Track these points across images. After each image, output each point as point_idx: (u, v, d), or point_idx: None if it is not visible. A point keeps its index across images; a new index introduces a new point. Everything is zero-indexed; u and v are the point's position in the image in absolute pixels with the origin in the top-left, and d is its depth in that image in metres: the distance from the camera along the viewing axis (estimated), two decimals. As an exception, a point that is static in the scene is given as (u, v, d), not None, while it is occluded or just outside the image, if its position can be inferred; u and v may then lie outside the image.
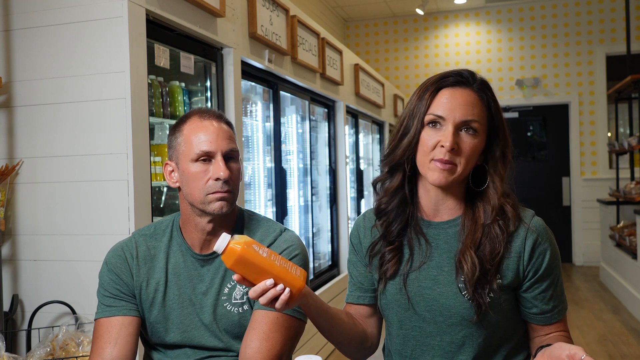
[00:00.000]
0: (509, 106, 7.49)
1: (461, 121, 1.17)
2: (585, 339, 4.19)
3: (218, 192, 1.29)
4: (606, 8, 7.22)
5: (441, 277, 1.21)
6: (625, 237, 5.05)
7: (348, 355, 1.34)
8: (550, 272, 1.21)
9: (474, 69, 7.85)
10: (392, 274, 1.25)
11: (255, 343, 1.25)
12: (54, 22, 2.07)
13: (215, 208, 1.30)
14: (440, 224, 1.25)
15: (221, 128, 1.33)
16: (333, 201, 4.76)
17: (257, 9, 2.99)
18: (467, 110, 1.17)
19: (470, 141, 1.18)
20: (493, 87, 1.26)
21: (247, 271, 1.04)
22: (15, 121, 2.13)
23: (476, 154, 1.20)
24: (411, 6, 7.40)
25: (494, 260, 1.16)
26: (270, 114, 3.55)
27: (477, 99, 1.20)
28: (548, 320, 1.23)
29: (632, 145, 5.07)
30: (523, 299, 1.22)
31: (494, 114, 1.22)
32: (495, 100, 1.23)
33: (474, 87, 1.21)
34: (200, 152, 1.30)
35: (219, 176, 1.28)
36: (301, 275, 1.07)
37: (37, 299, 2.09)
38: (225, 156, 1.31)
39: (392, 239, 1.27)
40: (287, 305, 1.06)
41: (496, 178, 1.21)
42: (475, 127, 1.18)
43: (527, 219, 1.21)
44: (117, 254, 1.38)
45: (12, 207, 2.14)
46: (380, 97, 6.21)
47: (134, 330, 1.33)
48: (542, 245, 1.19)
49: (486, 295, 1.15)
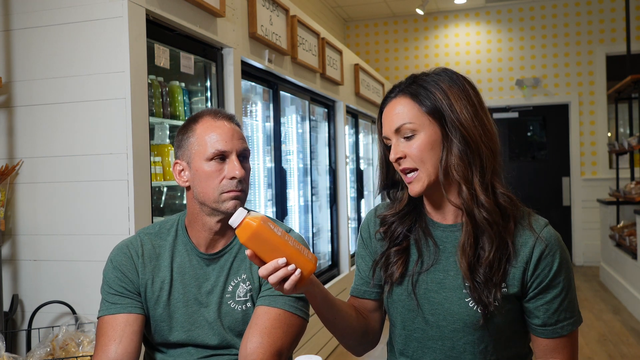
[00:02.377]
0: (509, 106, 7.49)
1: (393, 131, 1.18)
2: (585, 339, 4.19)
3: (233, 191, 1.31)
4: (606, 8, 7.22)
5: (447, 281, 1.20)
6: (625, 237, 5.05)
7: (349, 348, 1.34)
8: (557, 284, 1.17)
9: (474, 69, 7.86)
10: (398, 276, 1.23)
11: (257, 338, 1.26)
12: (54, 22, 2.07)
13: (229, 207, 1.31)
14: (448, 226, 1.24)
15: (235, 128, 1.36)
16: (333, 201, 4.76)
17: (257, 9, 2.99)
18: (395, 118, 1.18)
19: (410, 143, 1.17)
20: (493, 87, 1.25)
21: (260, 248, 1.04)
22: (15, 121, 2.13)
23: (427, 152, 1.15)
24: (411, 6, 7.40)
25: (493, 258, 1.14)
26: (270, 114, 3.55)
27: (404, 101, 1.19)
28: (550, 334, 1.19)
29: (632, 145, 5.07)
30: (526, 309, 1.20)
31: (433, 104, 1.15)
32: (438, 89, 1.16)
33: (400, 92, 1.20)
34: (216, 152, 1.31)
35: (234, 175, 1.30)
36: (312, 259, 1.07)
37: (37, 299, 2.09)
38: (239, 156, 1.34)
39: (398, 241, 1.27)
40: (294, 288, 1.05)
41: (452, 169, 1.15)
42: (409, 128, 1.16)
43: (538, 229, 1.17)
44: (123, 252, 1.39)
45: (12, 207, 2.14)
46: (380, 97, 6.21)
47: (139, 328, 1.33)
48: (550, 256, 1.16)
49: (492, 299, 1.14)
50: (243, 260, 1.38)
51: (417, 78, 1.21)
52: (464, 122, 1.15)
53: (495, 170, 1.18)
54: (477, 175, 1.15)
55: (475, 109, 1.17)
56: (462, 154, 1.14)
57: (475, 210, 1.15)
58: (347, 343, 1.31)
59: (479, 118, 1.17)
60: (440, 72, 1.21)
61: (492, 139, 1.18)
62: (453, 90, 1.17)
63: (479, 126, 1.16)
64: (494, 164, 1.18)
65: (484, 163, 1.16)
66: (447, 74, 1.20)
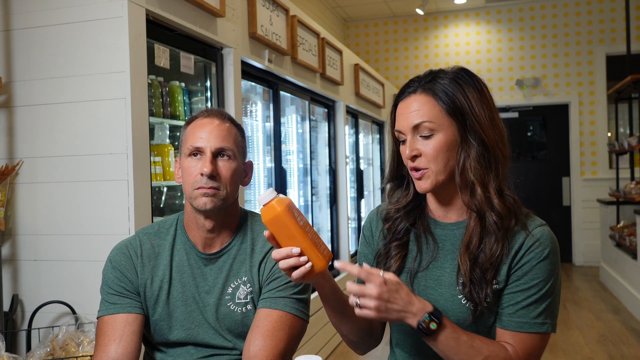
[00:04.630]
0: (509, 106, 7.49)
1: (411, 128, 1.17)
2: (585, 339, 4.19)
3: (202, 188, 1.32)
4: (606, 8, 7.22)
5: (443, 278, 1.21)
6: (625, 237, 5.05)
7: (353, 345, 1.33)
8: (538, 278, 1.14)
9: (474, 69, 7.88)
10: (395, 270, 1.24)
11: (259, 341, 1.26)
12: (54, 22, 2.07)
13: (199, 204, 1.32)
14: (449, 225, 1.24)
15: (220, 127, 1.35)
16: (333, 201, 4.76)
17: (257, 9, 2.99)
18: (414, 115, 1.16)
19: (428, 142, 1.16)
20: (493, 87, 1.25)
21: (279, 232, 1.05)
22: (15, 121, 2.13)
23: (442, 152, 1.15)
24: (411, 6, 7.40)
25: (492, 260, 1.15)
26: (270, 114, 3.55)
27: (425, 99, 1.16)
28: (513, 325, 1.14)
29: (632, 145, 5.07)
30: (502, 298, 1.16)
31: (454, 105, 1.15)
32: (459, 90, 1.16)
33: (420, 88, 1.18)
34: (192, 148, 1.34)
35: (202, 171, 1.31)
36: (327, 256, 1.07)
37: (37, 299, 2.09)
38: (216, 153, 1.33)
39: (399, 236, 1.27)
40: (302, 279, 1.06)
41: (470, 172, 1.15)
42: (429, 127, 1.15)
43: (531, 227, 1.17)
44: (122, 252, 1.39)
45: (12, 207, 2.14)
46: (380, 97, 6.21)
47: (138, 328, 1.33)
48: (537, 250, 1.15)
49: (484, 296, 1.14)
50: (243, 262, 1.38)
51: (437, 75, 1.19)
52: (483, 125, 1.15)
53: (505, 173, 1.19)
54: (492, 179, 1.17)
55: (492, 112, 1.18)
56: (480, 158, 1.15)
57: (487, 213, 1.16)
58: (351, 340, 1.31)
59: (495, 122, 1.17)
60: (459, 71, 1.20)
61: (505, 143, 1.19)
62: (473, 92, 1.17)
63: (495, 129, 1.16)
64: (505, 168, 1.19)
65: (498, 167, 1.17)
66: (467, 73, 1.20)
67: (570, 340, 4.17)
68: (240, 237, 1.40)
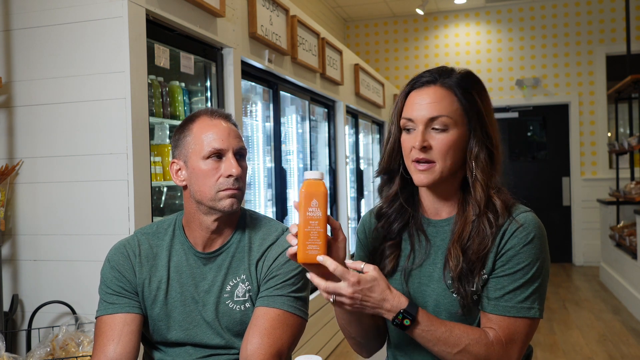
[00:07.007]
0: (509, 106, 7.49)
1: (427, 119, 1.17)
2: (585, 339, 4.19)
3: (229, 189, 1.32)
4: (606, 8, 7.22)
5: (435, 274, 1.22)
6: (625, 237, 5.05)
7: (359, 347, 1.33)
8: (524, 262, 1.14)
9: (474, 69, 7.87)
10: (390, 270, 1.26)
11: (257, 339, 1.26)
12: (54, 22, 2.07)
13: (226, 205, 1.32)
14: (439, 222, 1.26)
15: (230, 127, 1.37)
16: (333, 201, 4.76)
17: (257, 9, 2.99)
18: (432, 108, 1.17)
19: (441, 137, 1.17)
20: (493, 87, 1.27)
21: (301, 204, 1.08)
22: (15, 121, 2.13)
23: (453, 149, 1.17)
24: (411, 6, 7.40)
25: (479, 254, 1.16)
26: (270, 114, 3.55)
27: (444, 94, 1.18)
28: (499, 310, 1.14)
29: (632, 145, 5.07)
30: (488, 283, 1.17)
31: (471, 105, 1.18)
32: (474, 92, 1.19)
33: (440, 82, 1.19)
34: (212, 150, 1.32)
35: (231, 173, 1.31)
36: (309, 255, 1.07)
37: (37, 299, 2.09)
38: (236, 154, 1.34)
39: (393, 236, 1.29)
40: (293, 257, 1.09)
41: (478, 172, 1.18)
42: (445, 122, 1.16)
43: (515, 213, 1.18)
44: (120, 252, 1.39)
45: (12, 207, 2.14)
46: (380, 97, 6.22)
47: (137, 328, 1.33)
48: (521, 235, 1.15)
49: (470, 290, 1.15)
50: (242, 261, 1.38)
51: (451, 73, 1.21)
52: (490, 127, 1.20)
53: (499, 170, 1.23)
54: (494, 178, 1.20)
55: (493, 115, 1.23)
56: (487, 158, 1.19)
57: (486, 210, 1.18)
58: (359, 342, 1.31)
59: (494, 124, 1.22)
60: (469, 73, 1.23)
61: (500, 144, 1.23)
62: (484, 95, 1.21)
63: (497, 132, 1.21)
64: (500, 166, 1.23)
65: (498, 167, 1.21)
66: (475, 76, 1.23)
67: (570, 340, 4.17)
68: (238, 235, 1.40)
